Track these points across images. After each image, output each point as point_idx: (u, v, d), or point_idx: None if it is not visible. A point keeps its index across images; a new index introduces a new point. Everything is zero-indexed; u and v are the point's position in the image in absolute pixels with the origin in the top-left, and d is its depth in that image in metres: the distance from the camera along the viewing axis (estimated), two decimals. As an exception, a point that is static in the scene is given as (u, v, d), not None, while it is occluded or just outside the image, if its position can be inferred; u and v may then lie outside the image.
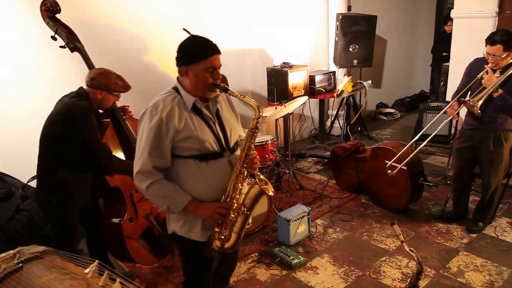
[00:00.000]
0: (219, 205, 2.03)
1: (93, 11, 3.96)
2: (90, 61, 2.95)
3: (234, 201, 2.04)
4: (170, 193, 1.99)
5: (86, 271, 1.50)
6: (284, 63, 5.35)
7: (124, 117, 3.02)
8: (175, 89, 2.03)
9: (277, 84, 5.24)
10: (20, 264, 1.55)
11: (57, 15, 2.92)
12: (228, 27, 5.01)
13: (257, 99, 5.60)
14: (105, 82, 2.67)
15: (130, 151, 2.92)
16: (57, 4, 2.87)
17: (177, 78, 2.05)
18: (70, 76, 3.58)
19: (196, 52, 1.94)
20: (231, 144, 2.12)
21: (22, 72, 3.60)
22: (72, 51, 2.94)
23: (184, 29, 2.04)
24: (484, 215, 3.75)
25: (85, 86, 2.70)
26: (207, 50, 1.94)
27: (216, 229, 2.06)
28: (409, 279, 2.09)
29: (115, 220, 2.92)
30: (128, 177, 2.90)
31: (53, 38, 2.91)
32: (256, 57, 5.46)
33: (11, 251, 1.61)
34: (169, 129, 1.93)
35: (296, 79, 5.29)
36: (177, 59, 1.99)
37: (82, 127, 2.58)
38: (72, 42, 2.91)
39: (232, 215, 2.03)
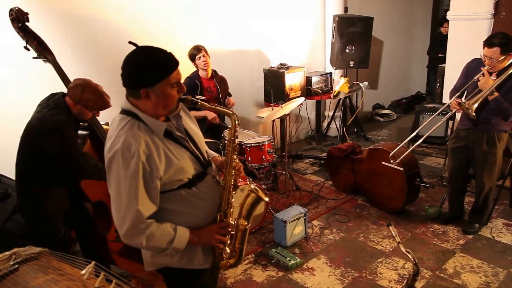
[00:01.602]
0: (218, 226, 1.87)
1: (92, 10, 3.95)
2: (63, 73, 2.80)
3: (229, 215, 1.90)
4: (170, 234, 1.73)
5: (83, 272, 1.50)
6: (281, 64, 5.35)
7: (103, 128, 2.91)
8: (132, 115, 1.69)
9: (274, 85, 5.25)
10: (16, 265, 1.55)
11: (31, 23, 2.75)
12: (225, 28, 5.01)
13: (254, 100, 5.62)
14: (78, 97, 2.52)
15: None
16: (23, 13, 2.67)
17: (130, 102, 1.70)
18: (70, 76, 3.57)
19: (158, 70, 1.62)
20: (206, 156, 1.92)
21: (19, 73, 3.59)
22: (45, 62, 2.80)
23: (130, 42, 1.71)
24: (479, 217, 3.76)
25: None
26: (170, 65, 1.65)
27: (219, 250, 1.91)
28: (405, 281, 2.09)
29: (101, 231, 2.92)
30: None
31: (26, 48, 2.74)
32: (253, 58, 5.46)
33: (7, 252, 1.61)
34: (152, 172, 1.64)
35: (292, 80, 5.29)
36: (131, 81, 1.65)
37: (57, 143, 2.48)
38: (43, 54, 2.75)
39: (232, 232, 1.92)
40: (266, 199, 2.00)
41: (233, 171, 1.88)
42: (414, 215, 4.12)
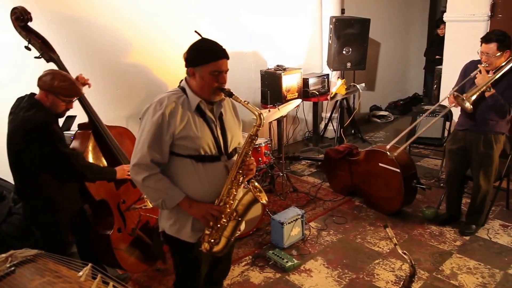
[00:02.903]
0: (212, 206, 2.03)
1: (87, 12, 3.94)
2: (66, 71, 2.77)
3: (227, 206, 2.04)
4: (165, 188, 2.00)
5: (79, 274, 1.49)
6: (278, 65, 5.35)
7: (104, 125, 2.90)
8: (182, 89, 2.06)
9: (271, 86, 5.25)
10: (13, 268, 1.54)
11: (30, 24, 2.73)
12: (222, 29, 5.01)
13: (251, 101, 5.57)
14: (48, 85, 2.48)
15: (113, 162, 2.88)
16: (27, 12, 2.68)
17: (185, 79, 2.07)
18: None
19: (204, 55, 1.97)
20: (230, 149, 2.12)
21: (15, 74, 3.57)
22: (47, 62, 2.78)
23: (195, 32, 2.07)
24: (476, 218, 3.77)
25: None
26: (215, 54, 1.98)
27: (207, 232, 2.06)
28: (402, 282, 2.10)
29: (104, 231, 2.90)
30: (114, 188, 2.88)
31: (27, 48, 2.73)
32: (249, 59, 5.46)
33: (3, 255, 1.60)
34: (170, 126, 1.95)
35: (290, 82, 5.29)
36: (186, 60, 2.03)
37: (44, 140, 2.45)
38: (47, 53, 2.74)
39: (224, 220, 2.03)
40: (263, 201, 2.04)
41: (241, 164, 2.04)
42: (411, 217, 4.13)
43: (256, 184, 2.07)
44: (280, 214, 3.69)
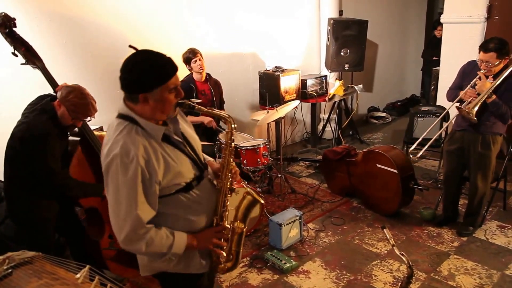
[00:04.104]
0: (214, 230, 1.87)
1: (86, 14, 3.94)
2: (53, 79, 2.74)
3: (224, 219, 1.90)
4: (170, 239, 1.73)
5: (77, 276, 1.49)
6: (276, 67, 5.36)
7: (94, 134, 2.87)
8: (130, 119, 1.68)
9: (269, 88, 5.25)
10: (10, 270, 1.54)
11: (15, 29, 2.67)
12: (220, 31, 5.02)
13: (249, 102, 5.63)
14: (64, 96, 2.50)
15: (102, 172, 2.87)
16: (10, 19, 2.60)
17: (127, 106, 1.69)
18: (64, 78, 3.56)
19: (158, 75, 1.62)
20: (203, 160, 1.92)
21: (11, 74, 3.56)
22: (33, 69, 2.74)
23: (130, 46, 1.72)
24: (474, 219, 3.78)
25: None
26: (169, 71, 1.65)
27: (216, 254, 1.91)
28: (399, 283, 2.10)
29: (94, 237, 2.91)
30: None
31: (14, 54, 2.65)
32: (248, 61, 5.47)
33: (1, 257, 1.60)
34: (152, 176, 1.64)
35: (288, 83, 5.30)
36: (129, 85, 1.64)
37: (35, 151, 2.46)
38: (31, 60, 2.68)
39: (228, 234, 1.92)
40: (262, 201, 2.01)
41: (229, 174, 1.88)
42: (409, 218, 4.13)
43: (248, 189, 2.00)
44: (278, 215, 3.69)
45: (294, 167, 5.53)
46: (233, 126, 1.87)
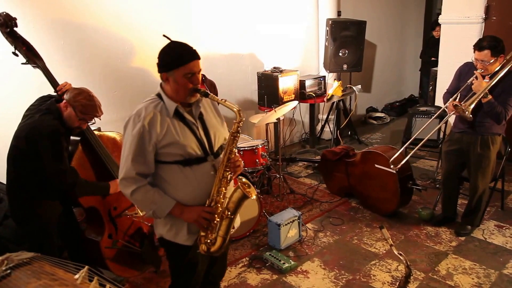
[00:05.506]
0: (204, 209, 2.05)
1: (83, 14, 3.94)
2: (53, 79, 2.75)
3: (219, 205, 2.06)
4: (155, 199, 2.02)
5: (76, 277, 1.49)
6: (274, 67, 5.37)
7: (94, 133, 2.88)
8: (158, 95, 2.06)
9: (268, 88, 5.26)
10: (9, 271, 1.54)
11: (16, 29, 2.67)
12: (218, 32, 5.02)
13: (248, 103, 5.63)
14: (72, 97, 2.54)
15: (103, 171, 2.86)
16: (11, 18, 2.62)
17: (160, 85, 2.07)
18: (61, 79, 3.56)
19: (175, 59, 1.96)
20: (215, 148, 2.13)
21: (7, 74, 3.55)
22: (34, 68, 2.75)
23: (164, 35, 2.07)
24: (472, 218, 3.79)
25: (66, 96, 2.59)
26: (186, 56, 1.96)
27: (202, 233, 2.08)
28: (398, 283, 2.11)
29: (94, 237, 2.90)
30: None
31: (14, 54, 2.67)
32: (246, 61, 5.47)
33: (-1, 257, 1.60)
34: (151, 136, 1.96)
35: (286, 84, 5.31)
36: (158, 66, 2.02)
37: (43, 150, 2.46)
38: (32, 59, 2.70)
39: (217, 219, 2.05)
40: (253, 197, 2.06)
41: (227, 162, 2.05)
42: (407, 218, 4.14)
43: (244, 180, 2.08)
44: (277, 216, 3.70)
45: (292, 168, 5.53)
46: (242, 118, 2.05)
